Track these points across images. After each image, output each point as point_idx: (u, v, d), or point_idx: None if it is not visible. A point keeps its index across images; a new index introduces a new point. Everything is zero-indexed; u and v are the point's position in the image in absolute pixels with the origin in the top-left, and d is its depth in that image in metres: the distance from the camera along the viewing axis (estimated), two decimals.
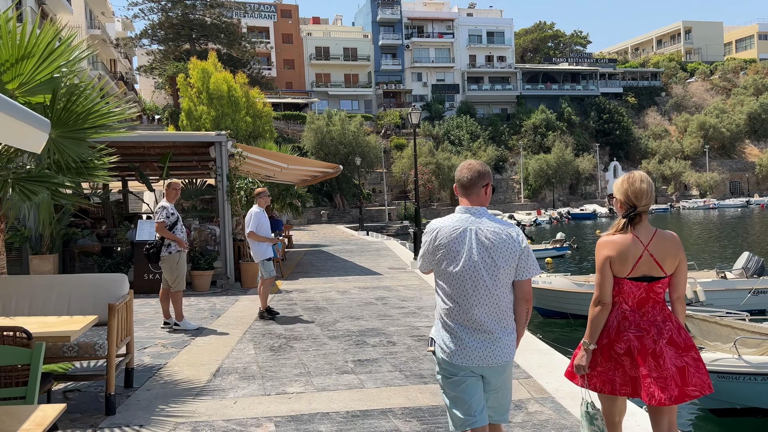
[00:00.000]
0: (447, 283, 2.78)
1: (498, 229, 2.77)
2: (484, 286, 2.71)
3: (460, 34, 73.50)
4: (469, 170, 2.87)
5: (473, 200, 2.85)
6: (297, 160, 13.54)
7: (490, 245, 2.73)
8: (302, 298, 9.89)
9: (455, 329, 2.74)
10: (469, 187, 2.84)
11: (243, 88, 35.17)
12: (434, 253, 2.81)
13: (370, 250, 19.78)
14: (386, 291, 10.61)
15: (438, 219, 2.90)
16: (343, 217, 48.70)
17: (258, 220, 7.79)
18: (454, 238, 2.76)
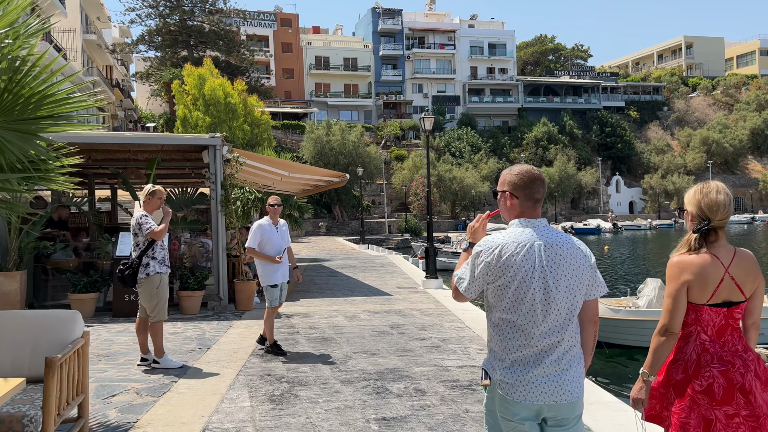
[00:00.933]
0: (511, 308, 2.35)
1: (566, 242, 2.40)
2: (556, 309, 2.33)
3: (461, 46, 72.78)
4: (542, 182, 2.46)
5: (537, 211, 2.47)
6: (300, 167, 12.34)
7: (562, 261, 2.36)
8: (305, 325, 8.60)
9: (518, 360, 2.34)
10: (540, 200, 2.46)
11: (241, 95, 34.10)
12: (497, 275, 2.35)
13: (374, 266, 18.51)
14: (400, 316, 9.34)
15: (495, 234, 2.43)
16: (342, 229, 47.43)
17: (261, 234, 6.55)
18: (522, 255, 2.34)
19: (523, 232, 2.38)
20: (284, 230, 6.71)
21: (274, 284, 6.62)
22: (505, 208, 2.49)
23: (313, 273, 16.44)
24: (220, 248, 9.81)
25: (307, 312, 9.77)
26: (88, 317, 9.01)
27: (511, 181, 2.46)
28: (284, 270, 6.72)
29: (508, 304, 2.34)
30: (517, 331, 2.34)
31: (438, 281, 12.95)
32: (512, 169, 2.50)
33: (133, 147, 10.20)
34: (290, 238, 6.81)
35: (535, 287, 2.31)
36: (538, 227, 2.41)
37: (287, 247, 6.76)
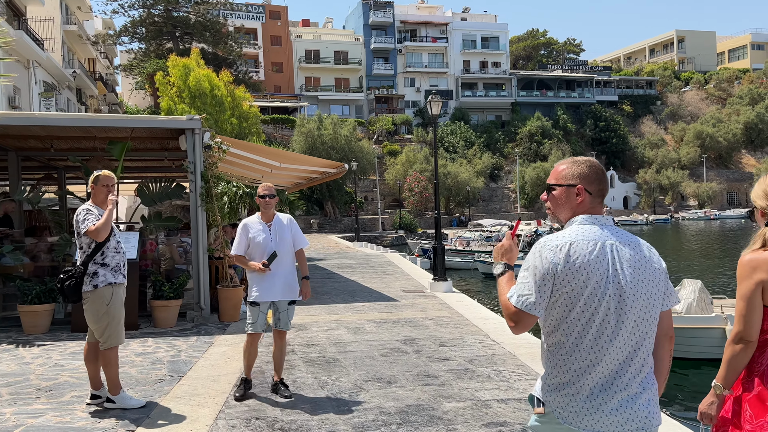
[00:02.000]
0: (578, 322, 1.95)
1: (638, 243, 2.06)
2: (632, 322, 1.96)
3: (453, 39, 71.50)
4: (603, 173, 2.15)
5: (601, 209, 2.13)
6: (292, 157, 10.95)
7: (637, 265, 2.00)
8: (302, 341, 7.22)
9: (584, 386, 1.95)
10: (603, 194, 2.14)
11: (228, 87, 32.66)
12: (566, 280, 1.95)
13: (372, 266, 17.15)
14: (412, 328, 7.98)
15: (560, 232, 2.04)
16: (335, 227, 46.01)
17: (245, 236, 4.97)
18: (596, 256, 1.97)
19: (591, 230, 2.05)
20: (283, 227, 4.98)
21: (253, 301, 4.92)
22: (568, 205, 2.12)
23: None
24: (200, 249, 8.40)
25: (303, 323, 8.38)
26: (41, 333, 7.58)
27: (583, 174, 2.13)
28: (276, 283, 4.86)
29: (576, 317, 1.97)
30: (584, 348, 1.99)
31: (447, 284, 11.61)
32: (577, 161, 2.16)
33: (97, 132, 8.76)
34: (303, 236, 5.15)
35: (610, 295, 1.96)
36: (606, 225, 2.09)
37: (298, 250, 5.06)
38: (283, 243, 4.93)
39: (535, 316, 2.00)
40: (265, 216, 5.01)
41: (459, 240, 28.86)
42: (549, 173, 13.17)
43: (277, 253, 4.82)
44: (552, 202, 2.17)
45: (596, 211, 2.12)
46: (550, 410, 2.03)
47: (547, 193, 2.18)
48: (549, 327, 2.05)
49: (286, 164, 11.03)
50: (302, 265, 5.08)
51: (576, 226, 2.07)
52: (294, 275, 5.00)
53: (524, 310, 1.97)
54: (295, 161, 11.19)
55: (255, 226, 4.99)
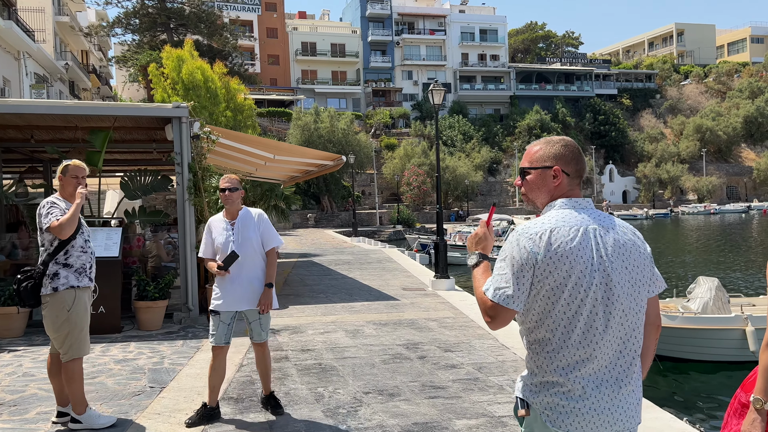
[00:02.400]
0: (564, 315, 1.80)
1: (621, 227, 1.92)
2: (620, 313, 1.83)
3: (452, 32, 70.79)
4: (579, 151, 1.99)
5: (579, 191, 1.98)
6: (287, 149, 10.38)
7: (621, 250, 1.86)
8: (296, 346, 6.69)
9: (573, 383, 1.80)
10: (581, 174, 1.99)
11: (222, 79, 32.07)
12: (548, 270, 1.80)
13: (370, 262, 16.62)
14: (415, 330, 7.45)
15: (538, 218, 1.91)
16: (332, 221, 45.44)
17: (207, 235, 4.37)
18: (578, 242, 1.82)
19: (572, 215, 1.88)
20: (248, 225, 4.23)
21: (213, 310, 4.27)
22: (545, 189, 1.95)
23: (303, 271, 14.52)
24: (188, 246, 7.85)
25: (297, 325, 7.85)
26: (15, 336, 7.03)
27: (559, 154, 1.94)
28: (238, 289, 4.19)
29: (562, 310, 1.79)
30: (572, 344, 1.80)
31: (450, 281, 11.09)
32: (551, 141, 1.98)
33: (78, 121, 8.20)
34: (274, 234, 4.33)
35: (597, 284, 1.79)
36: (587, 208, 1.92)
37: (269, 249, 4.28)
38: (248, 243, 4.20)
39: (514, 310, 1.83)
40: (228, 213, 4.29)
41: (459, 235, 28.32)
42: None
43: (239, 254, 4.13)
44: (527, 187, 2.01)
45: (575, 193, 1.97)
46: (537, 413, 1.87)
47: (521, 178, 2.02)
48: (531, 322, 1.88)
49: (281, 156, 10.48)
50: (268, 269, 4.30)
51: (555, 212, 1.91)
52: (261, 281, 4.28)
53: (501, 304, 1.82)
54: (290, 153, 10.64)
55: (218, 225, 4.33)
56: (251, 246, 4.23)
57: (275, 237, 4.34)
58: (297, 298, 10.16)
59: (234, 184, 4.25)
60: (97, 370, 5.62)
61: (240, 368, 5.72)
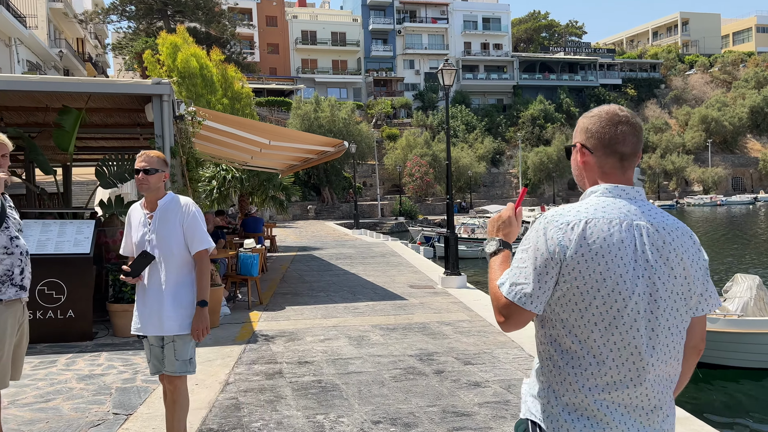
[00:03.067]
0: (596, 327, 1.50)
1: (676, 227, 1.57)
2: (665, 331, 1.52)
3: (454, 20, 69.61)
4: (633, 128, 1.62)
5: (630, 176, 1.63)
6: (284, 133, 9.45)
7: (672, 256, 1.53)
8: (293, 357, 5.79)
9: (599, 408, 1.50)
10: (631, 156, 1.63)
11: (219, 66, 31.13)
12: (578, 269, 1.49)
13: (373, 256, 15.73)
14: (427, 337, 6.56)
15: (568, 206, 1.58)
16: (332, 213, 44.54)
17: (127, 228, 3.41)
18: (618, 241, 1.51)
19: (615, 205, 1.55)
20: (168, 218, 3.20)
21: (135, 333, 3.29)
22: (577, 171, 1.67)
23: (303, 266, 13.62)
24: None
25: (294, 330, 6.96)
26: None
27: (585, 127, 1.63)
28: (149, 303, 3.21)
29: (593, 320, 1.49)
30: (604, 362, 1.49)
31: (461, 278, 10.19)
32: (590, 112, 1.67)
33: (48, 100, 7.27)
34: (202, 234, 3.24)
35: (639, 293, 1.49)
36: (636, 199, 1.58)
37: (196, 253, 3.21)
38: (166, 242, 3.17)
39: (531, 312, 1.54)
40: (147, 202, 3.29)
41: (464, 227, 27.43)
42: (553, 158, 10.86)
43: (154, 255, 3.16)
44: (573, 173, 1.72)
45: (616, 178, 1.60)
46: None
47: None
48: (554, 329, 1.55)
49: (277, 142, 9.57)
50: (198, 281, 3.24)
51: (595, 199, 1.58)
52: (185, 295, 3.21)
53: (517, 303, 1.54)
54: (287, 138, 9.73)
55: (135, 217, 3.32)
56: (171, 246, 3.17)
57: (203, 237, 3.23)
58: (295, 298, 9.28)
59: (152, 164, 3.21)
60: (54, 390, 4.73)
61: (225, 387, 4.84)
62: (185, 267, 3.23)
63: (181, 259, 3.21)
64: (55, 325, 6.23)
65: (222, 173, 17.58)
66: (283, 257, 15.68)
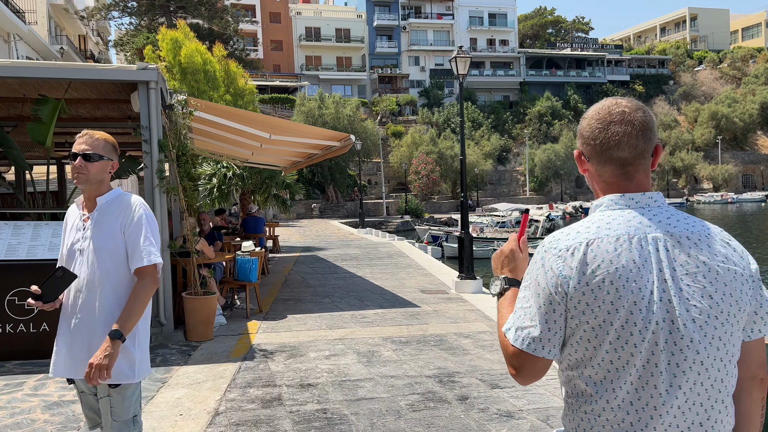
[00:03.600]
0: (611, 366, 1.29)
1: (703, 234, 1.32)
2: (697, 366, 1.26)
3: (460, 16, 68.79)
4: (630, 127, 1.36)
5: (640, 181, 1.39)
6: (285, 126, 8.73)
7: (703, 273, 1.28)
8: (294, 379, 5.08)
9: None
10: (633, 160, 1.37)
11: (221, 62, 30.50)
12: (585, 303, 1.29)
13: (380, 256, 15.01)
14: (446, 352, 5.84)
15: (570, 226, 1.37)
16: (337, 211, 43.85)
17: (63, 232, 2.61)
18: (627, 262, 1.28)
19: (621, 218, 1.33)
20: (105, 222, 2.44)
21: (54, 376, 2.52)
22: (588, 181, 1.47)
23: (306, 268, 12.91)
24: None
25: (296, 344, 6.24)
26: None
27: (580, 131, 1.43)
28: (73, 337, 2.42)
29: (608, 358, 1.28)
30: (617, 405, 1.28)
31: (476, 283, 9.46)
32: (587, 111, 1.45)
33: (26, 89, 6.57)
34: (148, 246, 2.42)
35: (656, 321, 1.26)
36: (649, 207, 1.35)
37: (137, 269, 2.42)
38: (103, 253, 2.38)
39: (545, 358, 1.33)
40: (85, 199, 2.50)
41: (473, 226, 26.70)
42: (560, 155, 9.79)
43: (75, 274, 2.36)
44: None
45: (623, 186, 1.36)
46: None
47: None
48: (568, 369, 1.36)
49: (278, 136, 8.86)
50: (128, 304, 2.34)
51: (599, 214, 1.36)
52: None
53: (526, 351, 1.33)
54: (289, 132, 9.02)
55: (71, 218, 2.54)
56: (107, 260, 2.37)
57: (148, 250, 2.39)
58: (297, 304, 8.56)
59: (96, 148, 2.40)
60: (14, 422, 4.03)
61: (214, 419, 4.12)
62: (128, 289, 2.41)
63: (122, 278, 2.40)
64: (27, 339, 5.55)
65: (223, 170, 16.89)
66: (286, 258, 14.98)
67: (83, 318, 2.38)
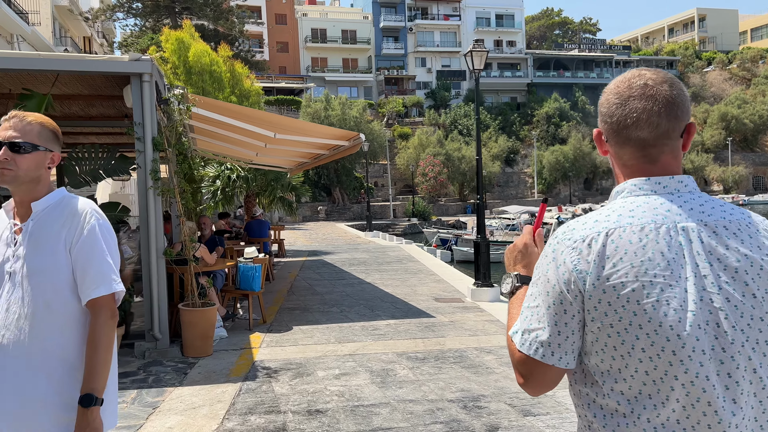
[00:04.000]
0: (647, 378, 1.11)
1: (744, 221, 1.16)
2: (750, 369, 1.11)
3: (467, 17, 68.27)
4: (652, 102, 1.18)
5: (667, 163, 1.21)
6: (291, 125, 8.20)
7: (744, 263, 1.12)
8: (299, 403, 4.53)
9: None
10: (657, 140, 1.19)
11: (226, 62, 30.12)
12: (606, 304, 1.12)
13: (389, 261, 14.47)
14: (468, 371, 5.29)
15: (587, 215, 1.19)
16: (343, 214, 43.35)
17: None
18: (654, 255, 1.12)
19: (647, 205, 1.16)
20: (46, 236, 1.76)
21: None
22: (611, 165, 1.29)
23: (313, 273, 12.38)
24: (152, 251, 5.71)
25: (302, 361, 5.70)
26: None
27: (599, 108, 1.27)
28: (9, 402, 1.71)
29: (644, 368, 1.10)
30: (663, 424, 1.10)
31: (494, 291, 8.90)
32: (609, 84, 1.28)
33: (11, 83, 6.08)
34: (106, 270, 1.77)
35: (699, 324, 1.09)
36: (679, 192, 1.18)
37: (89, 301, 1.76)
38: (41, 278, 1.75)
39: (556, 367, 1.16)
40: (16, 206, 1.86)
41: None
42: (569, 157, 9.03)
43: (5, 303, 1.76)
44: None
45: (646, 169, 1.19)
46: None
47: None
48: (594, 386, 1.16)
49: (283, 135, 8.34)
50: (88, 355, 1.74)
51: (620, 201, 1.20)
52: (66, 381, 1.75)
53: (534, 358, 1.17)
54: (294, 131, 8.50)
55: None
56: (45, 287, 1.74)
57: (104, 274, 1.78)
58: (304, 314, 8.02)
59: (27, 135, 1.79)
60: None
61: None
62: (78, 327, 1.77)
63: (69, 313, 1.76)
64: None
65: (227, 172, 16.41)
66: (292, 263, 14.46)
67: (12, 369, 1.73)
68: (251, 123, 7.86)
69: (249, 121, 7.80)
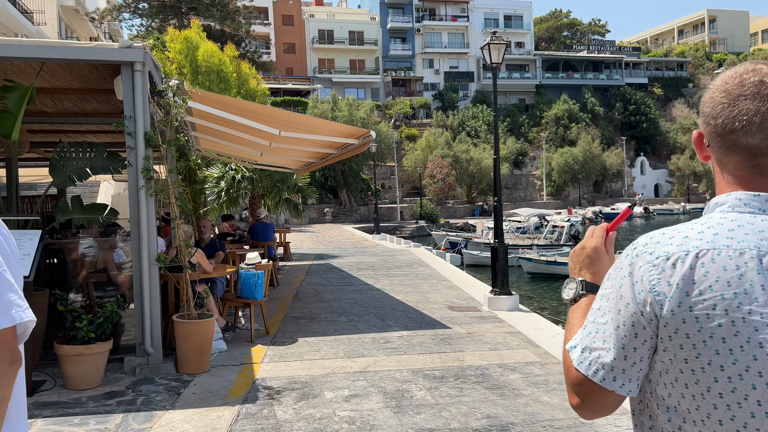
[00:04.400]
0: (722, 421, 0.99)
1: None
2: None
3: (475, 18, 67.76)
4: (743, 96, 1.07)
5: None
6: (296, 121, 7.67)
7: None
8: (304, 430, 4.00)
9: None
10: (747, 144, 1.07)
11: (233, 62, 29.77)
12: (685, 333, 1.00)
13: (399, 265, 13.92)
14: (492, 392, 4.74)
15: (675, 227, 1.07)
16: (350, 216, 42.85)
17: None
18: (754, 284, 0.98)
19: (750, 227, 1.03)
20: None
21: None
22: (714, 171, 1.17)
23: (319, 279, 11.85)
24: (144, 257, 5.20)
25: (308, 379, 5.16)
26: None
27: (701, 106, 1.15)
28: None
29: (720, 415, 0.99)
30: None
31: (513, 299, 8.35)
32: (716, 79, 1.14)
33: None
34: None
35: None
36: None
37: None
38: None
39: (616, 393, 1.07)
40: None
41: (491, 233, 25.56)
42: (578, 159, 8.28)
43: None
44: None
45: (757, 183, 1.06)
46: None
47: None
48: (658, 420, 1.07)
49: (288, 132, 7.83)
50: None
51: (719, 216, 1.06)
52: None
53: (592, 380, 1.07)
54: (300, 128, 7.97)
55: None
56: None
57: (4, 300, 1.25)
58: (310, 324, 7.49)
59: None
60: None
61: None
62: None
63: None
64: None
65: (231, 173, 15.92)
66: (298, 267, 13.94)
67: None
68: (255, 119, 7.34)
69: (252, 117, 7.29)
